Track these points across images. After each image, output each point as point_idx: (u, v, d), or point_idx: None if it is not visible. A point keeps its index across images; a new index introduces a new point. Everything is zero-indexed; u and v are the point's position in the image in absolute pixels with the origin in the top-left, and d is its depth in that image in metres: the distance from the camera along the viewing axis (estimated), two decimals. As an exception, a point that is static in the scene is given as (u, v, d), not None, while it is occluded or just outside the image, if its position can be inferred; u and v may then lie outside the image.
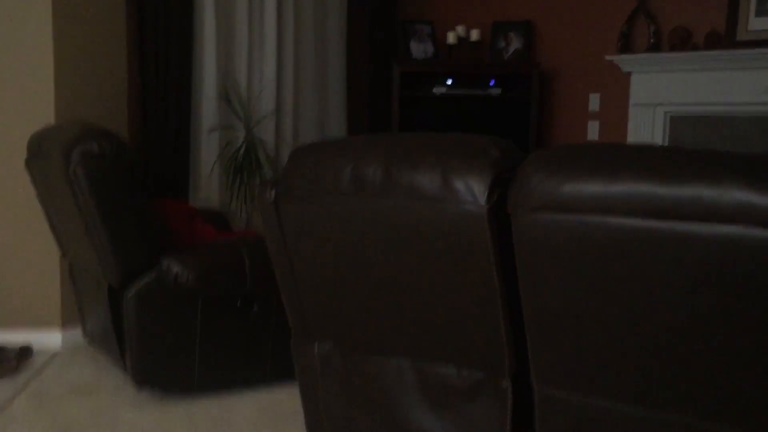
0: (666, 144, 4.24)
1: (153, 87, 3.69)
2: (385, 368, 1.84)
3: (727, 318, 1.28)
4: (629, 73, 4.29)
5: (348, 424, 1.94)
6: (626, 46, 4.30)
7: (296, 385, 2.74)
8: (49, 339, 3.16)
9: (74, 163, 2.33)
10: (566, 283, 1.42)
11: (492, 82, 4.59)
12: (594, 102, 4.54)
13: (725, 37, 3.95)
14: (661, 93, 4.16)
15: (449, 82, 4.59)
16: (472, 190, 1.49)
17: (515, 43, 4.71)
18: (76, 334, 3.22)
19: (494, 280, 1.54)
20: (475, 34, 4.68)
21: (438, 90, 4.58)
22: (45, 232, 3.12)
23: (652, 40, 4.19)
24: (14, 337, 3.15)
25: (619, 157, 1.37)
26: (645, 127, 4.23)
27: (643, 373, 1.42)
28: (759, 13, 3.89)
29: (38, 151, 2.69)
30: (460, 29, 4.71)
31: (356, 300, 1.79)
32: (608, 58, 4.31)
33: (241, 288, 2.57)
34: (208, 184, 4.07)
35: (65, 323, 3.19)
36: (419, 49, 4.79)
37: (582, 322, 1.44)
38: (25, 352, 3.00)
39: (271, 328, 2.67)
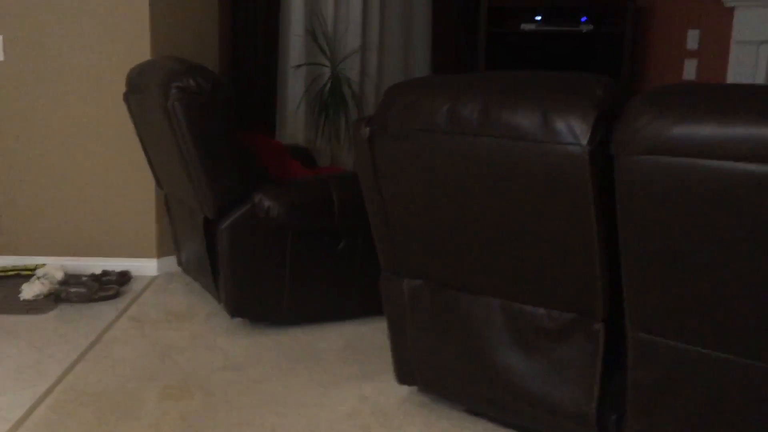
0: (769, 85, 4.00)
1: (242, 24, 3.72)
2: (475, 307, 1.86)
3: (844, 269, 1.23)
4: (732, 8, 4.03)
5: (435, 359, 1.98)
6: (731, -22, 4.04)
7: (382, 321, 2.81)
8: (146, 266, 3.32)
9: (172, 98, 2.40)
10: (670, 229, 1.39)
11: (584, 18, 4.42)
12: (692, 39, 4.31)
13: (844, -31, 3.66)
14: (767, 30, 3.91)
15: (538, 18, 4.44)
16: (574, 130, 1.46)
17: (610, -23, 4.49)
18: (172, 262, 3.37)
19: (593, 222, 1.51)
20: (567, -32, 4.49)
21: (527, 26, 4.44)
22: (142, 164, 3.25)
23: (760, -27, 3.92)
24: (114, 265, 3.32)
25: (735, 98, 1.31)
26: (747, 68, 4.00)
27: (746, 322, 1.39)
28: None
29: (136, 85, 2.78)
30: (552, -38, 4.52)
31: (448, 239, 1.80)
32: (711, -9, 4.07)
33: (329, 223, 2.61)
34: (294, 121, 4.12)
35: (161, 252, 3.34)
36: (508, -17, 4.64)
37: (683, 268, 1.41)
38: (124, 277, 3.17)
39: (358, 264, 2.72)
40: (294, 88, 4.10)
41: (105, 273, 3.17)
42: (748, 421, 1.46)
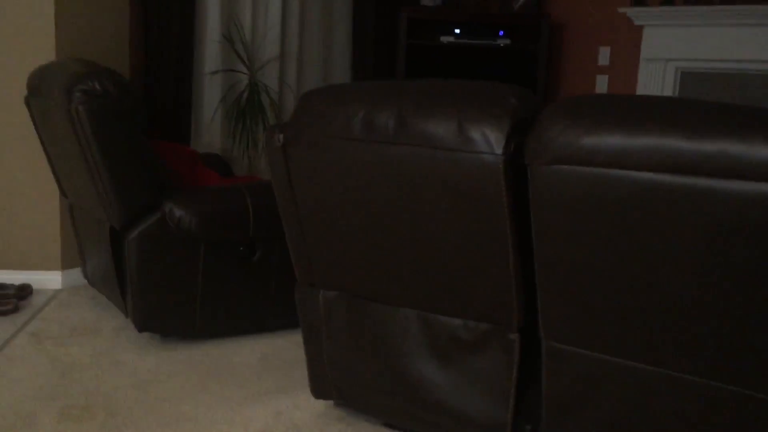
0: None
1: (155, 27, 3.60)
2: (391, 318, 1.83)
3: (747, 278, 1.26)
4: (641, 27, 4.19)
5: (352, 372, 1.93)
6: (640, -2, 4.20)
7: (298, 333, 2.75)
8: (49, 279, 3.15)
9: (76, 101, 2.28)
10: (581, 238, 1.40)
11: (501, 33, 4.49)
12: (604, 56, 4.45)
13: (742, -8, 3.85)
14: (674, 48, 4.08)
15: (457, 31, 4.49)
16: (489, 139, 1.46)
17: (526, -7, 4.59)
18: (76, 274, 3.21)
19: (507, 232, 1.51)
20: (485, -18, 4.57)
21: (446, 39, 4.48)
22: (45, 171, 3.08)
23: (666, -7, 4.09)
24: (14, 278, 3.13)
25: (643, 110, 1.33)
26: (655, 83, 4.16)
27: (655, 330, 1.41)
28: (778, -32, 3.78)
29: (38, 88, 2.63)
30: (470, -24, 4.59)
31: (364, 249, 1.76)
32: (621, 10, 4.21)
33: (244, 234, 2.54)
34: (210, 129, 4.01)
35: (65, 264, 3.18)
36: (427, -4, 4.67)
37: (595, 277, 1.42)
38: (24, 291, 2.99)
39: (274, 275, 2.65)
40: (210, 95, 4.00)
41: (2, 286, 2.99)
42: (660, 429, 1.48)
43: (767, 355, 1.31)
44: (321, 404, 2.16)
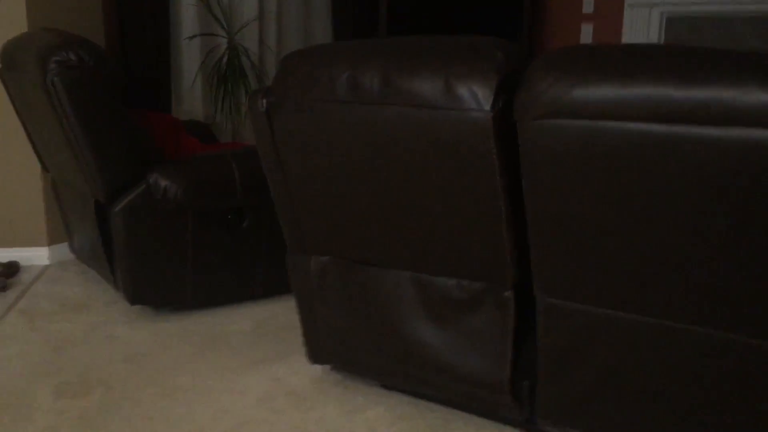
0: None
1: (128, -8, 3.50)
2: (384, 280, 1.82)
3: (741, 225, 1.25)
4: (625, -28, 4.13)
5: (347, 336, 1.93)
6: (623, -58, 4.12)
7: (292, 298, 2.74)
8: (36, 255, 3.11)
9: (51, 73, 2.21)
10: (573, 192, 1.38)
11: (482, -16, 4.41)
12: (588, 3, 4.38)
13: (726, -67, 3.79)
14: (658, -7, 4.02)
15: (438, -17, 4.41)
16: (476, 95, 1.42)
17: (507, -59, 4.49)
18: (64, 249, 3.17)
19: (498, 189, 1.49)
20: (464, -68, 4.46)
21: (426, -8, 4.39)
22: (25, 146, 3.02)
23: (649, -63, 4.01)
24: (1, 255, 3.09)
25: (632, 59, 1.30)
26: (640, 29, 4.11)
27: (649, 281, 1.40)
28: None
29: (12, 60, 2.56)
30: (449, -73, 4.47)
31: (354, 212, 1.74)
32: (604, -44, 4.14)
33: (231, 201, 2.51)
34: (191, 96, 3.94)
35: (51, 239, 3.14)
36: (406, -52, 4.56)
37: (588, 230, 1.41)
38: (11, 268, 2.96)
39: (264, 242, 2.63)
40: (189, 61, 3.91)
41: (-11, 265, 2.95)
42: (656, 381, 1.49)
43: (762, 301, 1.31)
44: (318, 369, 2.16)
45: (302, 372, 2.14)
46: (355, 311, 1.89)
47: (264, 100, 1.73)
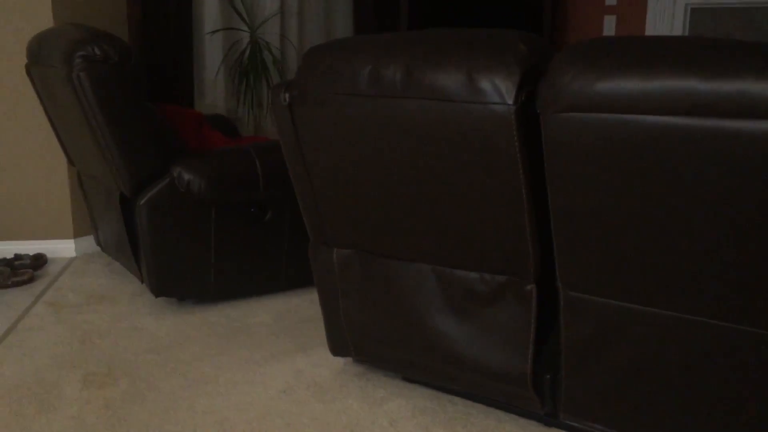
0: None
1: (152, -13, 3.53)
2: (406, 273, 1.82)
3: (766, 220, 1.24)
4: (649, -36, 4.08)
5: (369, 329, 1.94)
6: (647, -66, 4.07)
7: (314, 291, 2.75)
8: (62, 248, 3.16)
9: (77, 68, 2.24)
10: (597, 186, 1.37)
11: (504, -24, 4.39)
12: (611, -5, 4.35)
13: None
14: (683, -16, 3.97)
15: (460, -24, 4.39)
16: (499, 89, 1.42)
17: (529, -66, 4.46)
18: (89, 241, 3.22)
19: (521, 183, 1.49)
20: (486, -76, 4.43)
21: (448, -15, 4.38)
22: (51, 140, 3.06)
23: (674, -73, 3.96)
24: (28, 248, 3.14)
25: (657, 51, 1.29)
26: (664, 21, 4.06)
27: (673, 275, 1.40)
28: None
29: (38, 56, 2.59)
30: None
31: (376, 205, 1.75)
32: (627, -53, 4.10)
33: (254, 195, 2.53)
34: (214, 90, 3.97)
35: (77, 232, 3.18)
36: (428, -59, 4.55)
37: (612, 224, 1.40)
38: (39, 260, 3.01)
39: (286, 235, 2.65)
40: (211, 55, 3.94)
41: (17, 257, 3.00)
42: (679, 375, 1.48)
43: (788, 295, 1.29)
44: (340, 361, 2.17)
45: (324, 364, 2.16)
46: (377, 304, 1.90)
47: (286, 94, 1.74)
